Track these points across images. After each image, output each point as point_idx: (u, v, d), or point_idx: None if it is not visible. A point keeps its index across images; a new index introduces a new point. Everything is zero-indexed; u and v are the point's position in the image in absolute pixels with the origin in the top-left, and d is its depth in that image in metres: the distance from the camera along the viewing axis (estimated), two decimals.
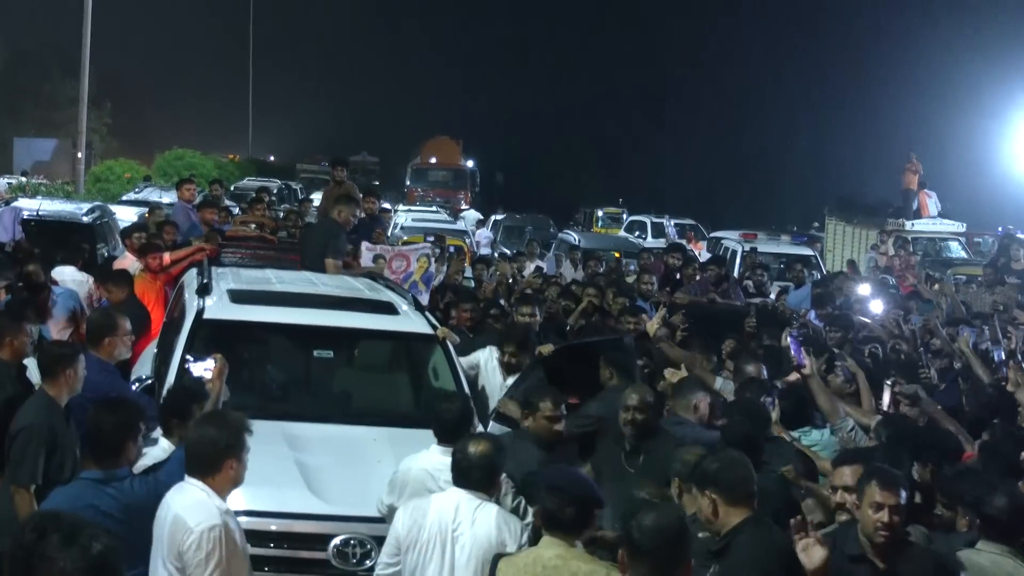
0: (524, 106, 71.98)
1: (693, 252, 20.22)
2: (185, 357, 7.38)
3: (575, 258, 18.20)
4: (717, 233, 27.47)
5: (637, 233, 33.36)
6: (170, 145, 46.34)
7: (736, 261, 21.39)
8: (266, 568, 6.21)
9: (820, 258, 23.34)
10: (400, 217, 28.07)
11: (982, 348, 9.98)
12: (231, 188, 33.28)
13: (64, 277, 11.34)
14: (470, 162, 50.35)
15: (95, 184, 35.45)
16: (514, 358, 8.62)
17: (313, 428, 7.43)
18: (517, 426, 7.32)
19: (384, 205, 21.76)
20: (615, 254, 20.96)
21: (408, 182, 47.57)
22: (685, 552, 4.29)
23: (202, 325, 7.89)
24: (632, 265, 18.07)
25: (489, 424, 7.67)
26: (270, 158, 67.22)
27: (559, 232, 28.61)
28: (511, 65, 74.75)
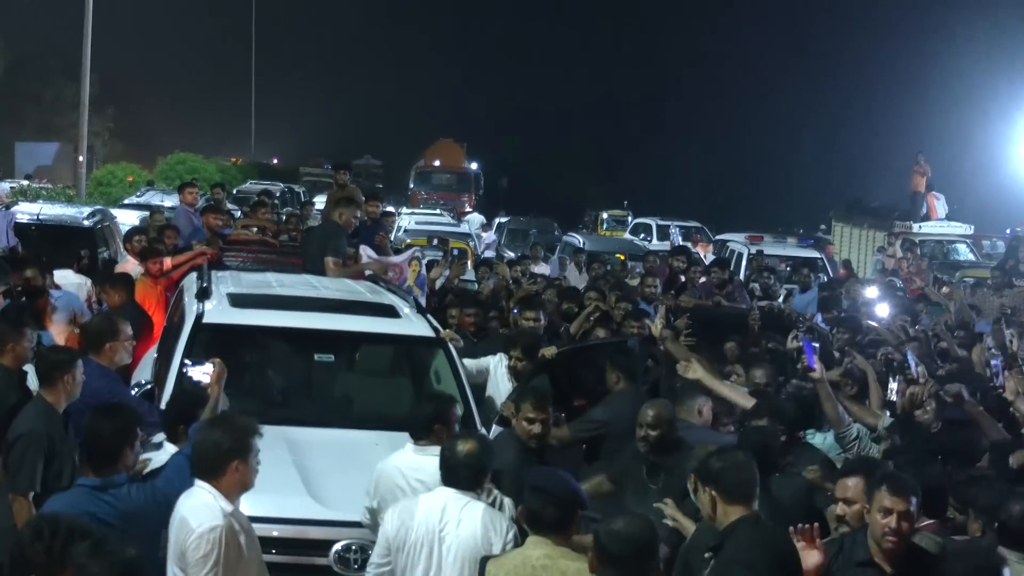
0: (528, 109, 72.05)
1: (698, 255, 20.12)
2: (184, 362, 7.30)
3: (579, 261, 18.09)
4: (723, 236, 27.34)
5: (642, 236, 33.26)
6: (172, 149, 46.30)
7: (742, 264, 21.29)
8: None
9: (827, 261, 23.20)
10: (403, 220, 28.03)
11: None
12: (233, 192, 33.23)
13: (61, 280, 11.30)
14: (474, 165, 50.31)
15: (97, 188, 35.47)
16: (520, 362, 8.56)
17: (314, 432, 7.39)
18: None
19: (387, 208, 21.68)
20: (620, 257, 20.90)
21: (412, 185, 47.54)
22: (653, 560, 4.41)
23: (201, 329, 7.84)
24: (638, 268, 17.97)
25: (492, 428, 7.62)
26: (273, 161, 67.15)
27: (563, 235, 28.50)
28: (515, 67, 74.87)
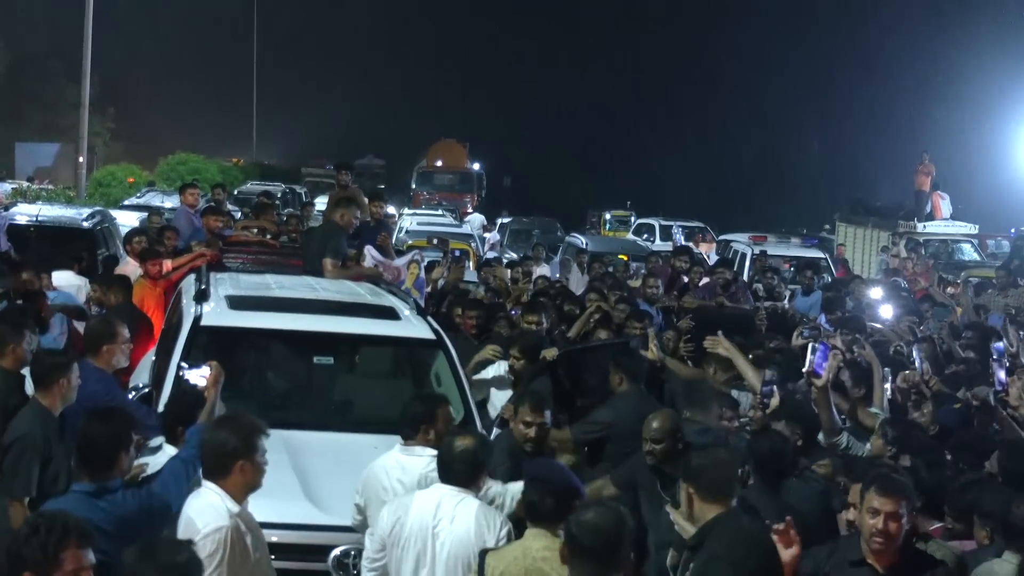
0: (531, 109, 72.00)
1: (701, 255, 20.05)
2: (180, 365, 7.23)
3: (582, 262, 18.03)
4: (726, 236, 27.28)
5: (645, 236, 33.19)
6: (173, 149, 46.25)
7: (745, 264, 21.23)
8: None
9: (831, 261, 23.16)
10: (405, 221, 27.97)
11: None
12: (234, 192, 33.18)
13: (60, 282, 11.27)
14: (476, 165, 50.21)
15: (97, 189, 35.42)
16: (518, 362, 8.54)
17: (313, 436, 7.34)
18: None
19: (388, 210, 21.59)
20: (622, 257, 20.86)
21: (414, 185, 47.43)
22: (623, 551, 4.43)
23: (199, 332, 7.79)
24: (642, 268, 17.91)
25: (493, 431, 7.55)
26: (274, 160, 67.14)
27: (566, 235, 28.43)
28: (518, 67, 74.76)
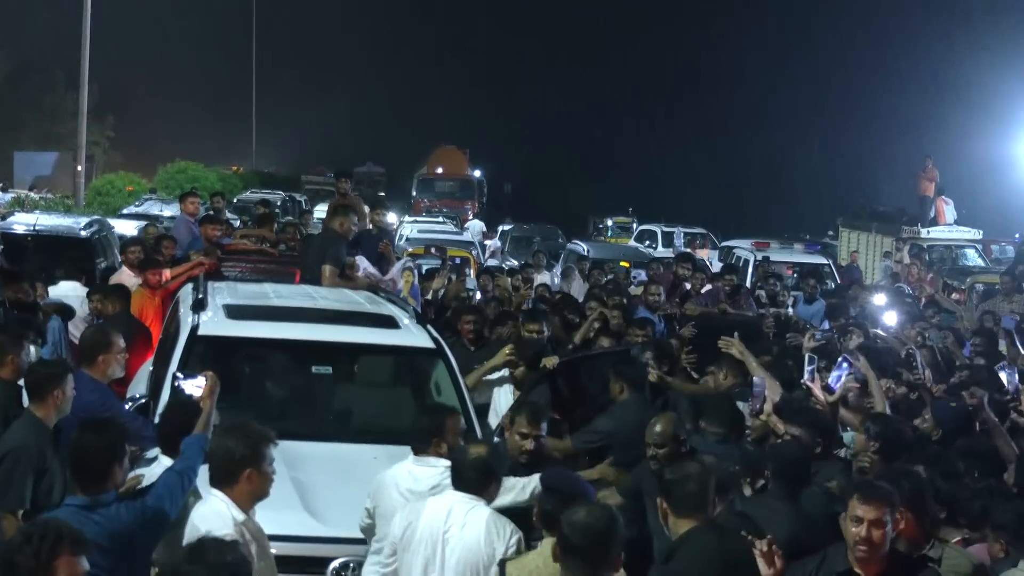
0: (532, 115, 72.09)
1: (703, 262, 19.97)
2: (176, 375, 7.15)
3: (583, 269, 17.96)
4: (729, 242, 27.19)
5: (647, 243, 33.14)
6: (173, 157, 46.26)
7: (748, 270, 21.14)
8: None
9: (833, 267, 23.10)
10: (405, 228, 27.91)
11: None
12: (234, 201, 33.14)
13: (65, 292, 11.23)
14: (477, 172, 50.15)
15: (96, 198, 35.38)
16: (515, 368, 8.54)
17: (311, 447, 7.26)
18: None
19: (388, 218, 21.50)
20: (624, 264, 20.79)
21: (414, 193, 47.38)
22: (614, 550, 4.52)
23: (197, 342, 7.70)
24: (641, 275, 17.84)
25: (494, 440, 7.48)
26: (274, 168, 67.12)
27: (568, 242, 28.37)
28: (519, 73, 74.90)
